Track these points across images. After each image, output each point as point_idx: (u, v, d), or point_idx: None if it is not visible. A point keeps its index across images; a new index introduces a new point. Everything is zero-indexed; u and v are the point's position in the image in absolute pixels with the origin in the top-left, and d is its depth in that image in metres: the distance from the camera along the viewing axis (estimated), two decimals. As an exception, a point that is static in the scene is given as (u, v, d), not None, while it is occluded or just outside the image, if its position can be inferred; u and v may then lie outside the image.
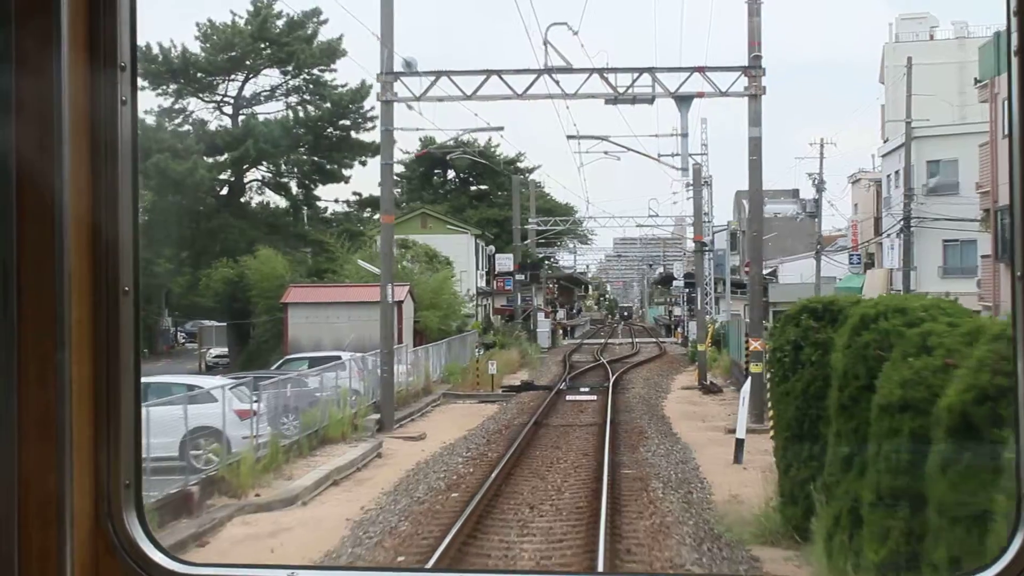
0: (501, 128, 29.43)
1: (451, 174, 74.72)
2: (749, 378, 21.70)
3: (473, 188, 75.04)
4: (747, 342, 28.43)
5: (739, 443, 20.23)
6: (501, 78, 25.95)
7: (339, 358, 29.09)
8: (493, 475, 17.54)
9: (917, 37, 65.92)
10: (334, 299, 37.12)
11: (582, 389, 35.07)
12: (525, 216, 63.91)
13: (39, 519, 2.19)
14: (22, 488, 2.18)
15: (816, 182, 57.13)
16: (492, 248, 64.80)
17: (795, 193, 78.55)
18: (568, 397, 32.71)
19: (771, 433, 22.96)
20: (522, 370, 45.51)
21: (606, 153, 34.05)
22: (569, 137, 32.98)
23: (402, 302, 37.92)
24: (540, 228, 65.33)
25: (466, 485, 17.37)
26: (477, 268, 59.89)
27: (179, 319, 59.08)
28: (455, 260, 50.86)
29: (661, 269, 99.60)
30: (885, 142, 54.31)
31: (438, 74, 26.00)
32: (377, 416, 25.93)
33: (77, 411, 2.21)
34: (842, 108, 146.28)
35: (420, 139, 68.92)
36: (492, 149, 72.01)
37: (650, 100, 26.43)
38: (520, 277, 60.40)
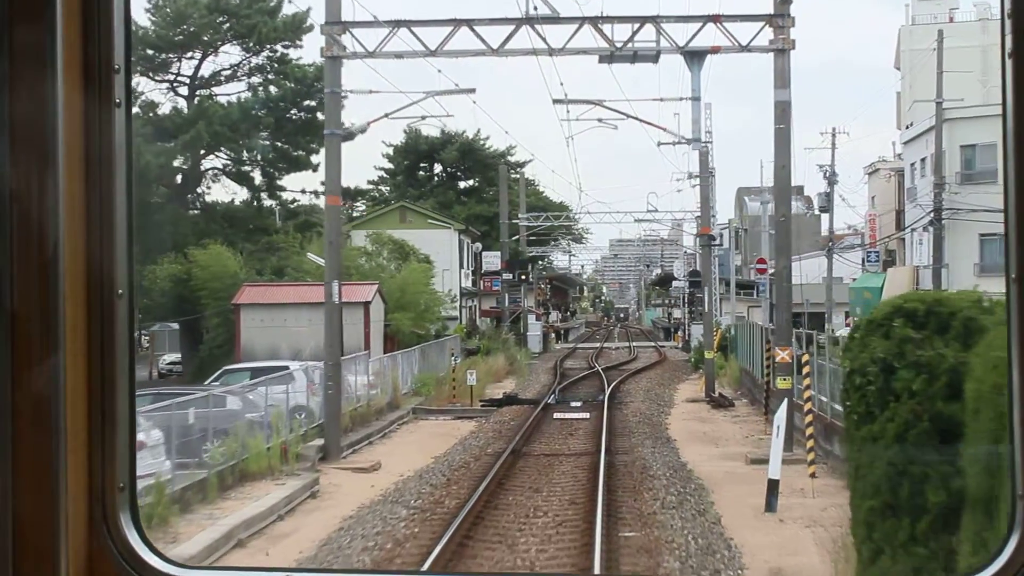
0: (473, 90, 24.56)
1: (437, 168, 70.24)
2: (785, 401, 16.94)
3: (461, 184, 70.60)
4: (769, 350, 23.92)
5: (772, 485, 15.66)
6: (472, 29, 21.30)
7: (287, 368, 25.13)
8: (445, 538, 12.81)
9: (935, 19, 61.63)
10: (292, 300, 33.02)
11: (573, 404, 30.35)
12: (515, 212, 59.26)
13: (34, 521, 2.17)
14: (17, 490, 2.16)
15: (828, 174, 52.99)
16: (479, 246, 60.26)
17: (800, 190, 75.75)
18: (556, 414, 27.97)
19: (807, 469, 18.57)
20: (509, 378, 41.33)
21: (600, 121, 29.28)
22: (555, 102, 28.04)
23: (370, 303, 33.83)
24: (531, 224, 60.63)
25: (405, 555, 12.57)
26: (462, 266, 55.54)
27: (143, 321, 55.23)
28: (437, 257, 46.88)
29: (659, 270, 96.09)
30: (908, 127, 49.65)
31: (396, 24, 21.33)
32: (323, 442, 21.30)
33: (72, 414, 2.19)
34: (842, 107, 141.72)
35: (405, 130, 64.89)
36: (481, 142, 67.64)
37: (654, 57, 21.79)
38: (508, 276, 55.67)
